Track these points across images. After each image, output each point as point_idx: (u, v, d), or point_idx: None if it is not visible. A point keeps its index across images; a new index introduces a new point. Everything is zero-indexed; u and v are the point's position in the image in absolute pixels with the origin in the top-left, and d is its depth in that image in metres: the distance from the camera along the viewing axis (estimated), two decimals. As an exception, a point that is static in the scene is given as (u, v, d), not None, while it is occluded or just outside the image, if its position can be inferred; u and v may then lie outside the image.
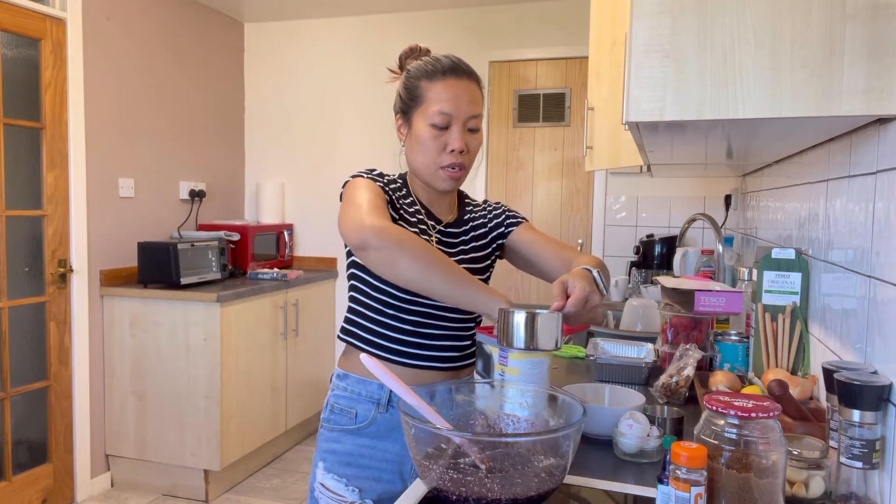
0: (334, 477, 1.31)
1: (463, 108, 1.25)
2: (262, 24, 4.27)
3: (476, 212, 1.45)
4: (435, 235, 1.34)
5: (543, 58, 3.82)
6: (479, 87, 1.30)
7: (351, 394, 1.32)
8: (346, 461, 1.31)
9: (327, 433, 1.34)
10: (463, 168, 1.28)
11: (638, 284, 2.96)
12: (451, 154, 1.26)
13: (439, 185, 1.30)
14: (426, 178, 1.31)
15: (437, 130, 1.25)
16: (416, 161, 1.30)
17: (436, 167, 1.27)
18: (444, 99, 1.24)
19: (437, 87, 1.25)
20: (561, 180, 3.86)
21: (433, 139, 1.26)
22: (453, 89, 1.25)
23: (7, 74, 2.80)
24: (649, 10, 0.97)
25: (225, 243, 3.56)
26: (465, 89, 1.26)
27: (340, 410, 1.33)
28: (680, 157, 1.88)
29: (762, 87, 0.94)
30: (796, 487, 0.94)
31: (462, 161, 1.27)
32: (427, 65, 1.28)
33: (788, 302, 1.39)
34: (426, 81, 1.27)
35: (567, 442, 0.93)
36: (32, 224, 2.94)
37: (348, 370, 1.34)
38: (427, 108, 1.26)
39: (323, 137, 4.18)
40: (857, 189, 1.11)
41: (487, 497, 0.88)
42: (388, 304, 1.29)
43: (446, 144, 1.26)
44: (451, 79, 1.26)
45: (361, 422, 1.31)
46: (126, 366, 3.25)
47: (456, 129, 1.25)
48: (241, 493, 3.27)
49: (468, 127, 1.27)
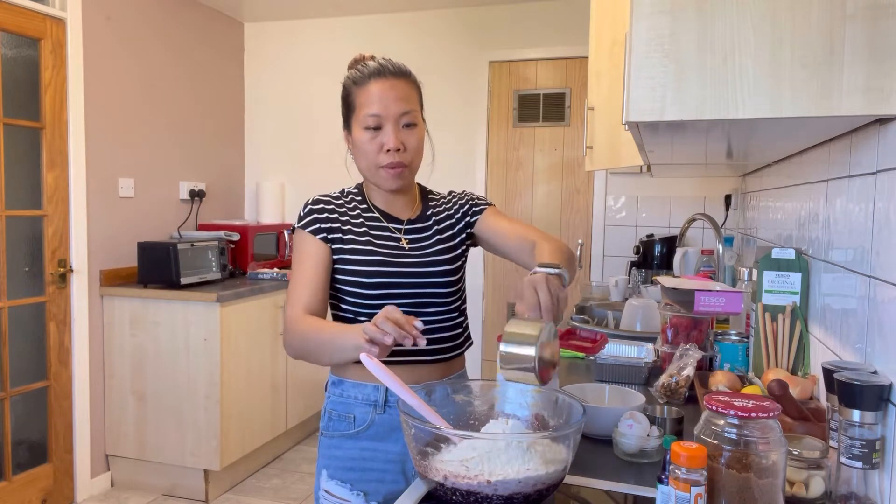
0: (338, 482, 1.32)
1: (391, 107, 1.28)
2: (262, 24, 4.27)
3: (440, 205, 1.45)
4: (404, 237, 1.36)
5: (543, 58, 3.82)
6: (410, 83, 1.33)
7: (347, 398, 1.34)
8: (348, 466, 1.32)
9: (328, 440, 1.36)
10: (403, 165, 1.30)
11: (638, 284, 2.96)
12: (387, 153, 1.29)
13: (384, 184, 1.33)
14: (372, 181, 1.35)
15: (372, 132, 1.29)
16: (360, 166, 1.35)
17: (376, 168, 1.31)
18: (371, 101, 1.28)
19: (364, 92, 1.30)
20: (561, 180, 3.86)
21: (369, 142, 1.30)
22: (379, 89, 1.28)
23: (7, 74, 2.80)
24: (649, 10, 0.97)
25: (225, 243, 3.56)
26: (390, 88, 1.29)
27: (338, 416, 1.34)
28: (680, 157, 1.88)
29: (762, 86, 0.94)
30: (796, 487, 0.94)
31: (400, 159, 1.29)
32: (356, 73, 1.32)
33: (788, 302, 1.39)
34: (356, 88, 1.31)
35: (567, 442, 0.93)
36: (32, 224, 2.94)
37: (342, 376, 1.36)
38: (359, 114, 1.30)
39: (323, 137, 4.17)
40: (857, 189, 1.11)
41: (488, 496, 0.88)
42: (361, 305, 1.32)
43: (382, 144, 1.29)
44: (376, 80, 1.29)
45: (360, 425, 1.32)
46: (126, 366, 3.25)
47: (388, 127, 1.28)
48: (241, 493, 3.27)
49: (403, 123, 1.30)
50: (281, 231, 4.05)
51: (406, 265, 1.32)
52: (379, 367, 1.00)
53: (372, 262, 1.30)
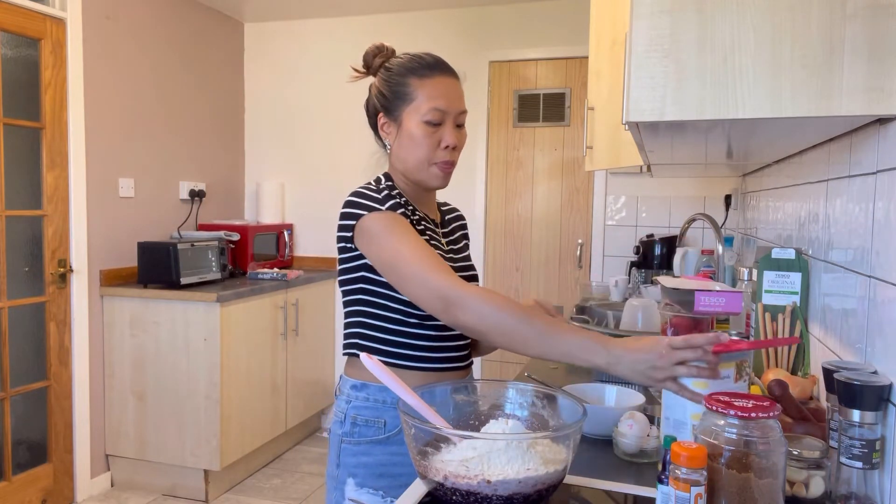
0: (369, 491, 1.27)
1: (455, 104, 1.27)
2: (262, 24, 4.27)
3: (450, 211, 1.48)
4: (443, 240, 1.35)
5: (543, 58, 3.82)
6: (461, 84, 1.32)
7: (375, 403, 1.28)
8: (379, 472, 1.27)
9: (353, 447, 1.29)
10: (454, 164, 1.30)
11: (638, 284, 2.96)
12: (445, 150, 1.27)
13: (432, 181, 1.29)
14: (418, 176, 1.29)
15: (432, 127, 1.26)
16: (408, 159, 1.28)
17: (429, 164, 1.27)
18: (437, 95, 1.25)
19: (428, 85, 1.26)
20: (561, 180, 3.86)
21: (427, 136, 1.25)
22: (444, 85, 1.26)
23: (7, 74, 2.80)
24: (649, 10, 0.97)
25: (225, 243, 3.56)
26: (454, 85, 1.28)
27: (366, 422, 1.28)
28: (680, 157, 1.88)
29: (762, 87, 0.94)
30: (796, 487, 0.94)
31: (454, 158, 1.28)
32: (411, 62, 1.28)
33: (788, 302, 1.39)
34: (415, 79, 1.27)
35: (567, 442, 0.93)
36: (32, 224, 2.94)
37: (366, 379, 1.29)
38: (420, 106, 1.25)
39: (323, 137, 4.18)
40: (857, 189, 1.11)
41: (487, 496, 0.88)
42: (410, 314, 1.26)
43: (440, 140, 1.26)
44: (440, 75, 1.27)
45: (391, 430, 1.27)
46: (126, 366, 3.25)
47: (449, 124, 1.27)
48: (241, 493, 3.27)
49: (458, 123, 1.29)
50: (281, 231, 4.05)
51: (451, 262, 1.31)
52: (378, 367, 1.00)
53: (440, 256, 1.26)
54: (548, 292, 3.91)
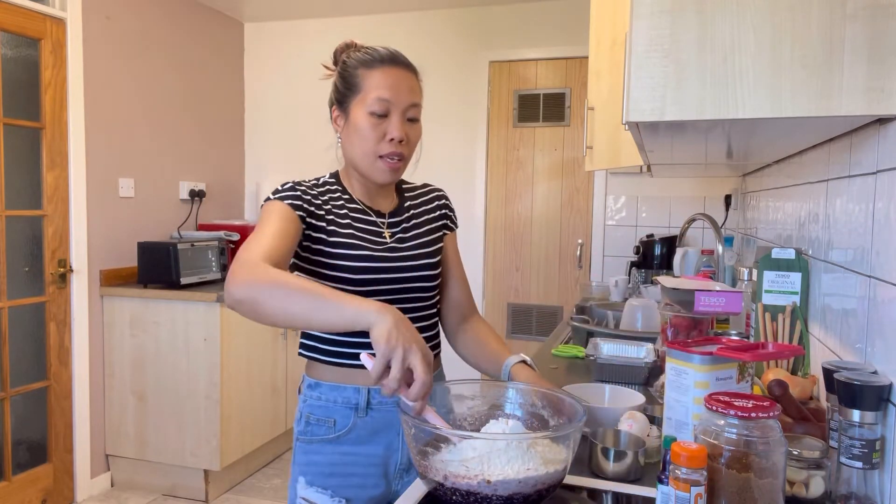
0: (318, 489, 1.27)
1: (402, 96, 1.23)
2: (262, 24, 4.27)
3: (416, 197, 1.41)
4: (387, 230, 1.31)
5: (543, 58, 3.82)
6: (417, 79, 1.29)
7: (326, 402, 1.27)
8: (328, 472, 1.27)
9: (305, 445, 1.29)
10: (402, 158, 1.25)
11: (638, 284, 2.96)
12: (390, 143, 1.22)
13: (378, 176, 1.25)
14: (364, 170, 1.26)
15: (376, 119, 1.22)
16: (353, 151, 1.26)
17: (374, 156, 1.23)
18: (382, 86, 1.22)
19: (376, 75, 1.23)
20: (561, 180, 3.86)
21: (372, 128, 1.22)
22: (392, 77, 1.23)
23: (7, 74, 2.80)
24: (649, 10, 0.97)
25: (225, 243, 3.56)
26: (403, 78, 1.25)
27: (317, 421, 1.28)
28: (680, 157, 1.88)
29: (762, 87, 0.94)
30: (796, 487, 0.94)
31: (401, 151, 1.24)
32: (365, 55, 1.27)
33: (788, 302, 1.39)
34: (364, 70, 1.24)
35: (567, 442, 0.93)
36: (32, 224, 2.94)
37: (319, 378, 1.29)
38: (365, 96, 1.23)
39: (323, 137, 4.17)
40: (857, 189, 1.11)
41: (487, 496, 0.88)
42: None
43: (385, 133, 1.22)
44: (390, 67, 1.24)
45: (341, 429, 1.27)
46: (126, 366, 3.25)
47: (395, 117, 1.23)
48: (241, 493, 3.27)
49: (407, 116, 1.25)
50: (281, 231, 4.05)
51: (391, 259, 1.27)
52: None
53: (358, 256, 1.24)
54: (548, 292, 3.91)
